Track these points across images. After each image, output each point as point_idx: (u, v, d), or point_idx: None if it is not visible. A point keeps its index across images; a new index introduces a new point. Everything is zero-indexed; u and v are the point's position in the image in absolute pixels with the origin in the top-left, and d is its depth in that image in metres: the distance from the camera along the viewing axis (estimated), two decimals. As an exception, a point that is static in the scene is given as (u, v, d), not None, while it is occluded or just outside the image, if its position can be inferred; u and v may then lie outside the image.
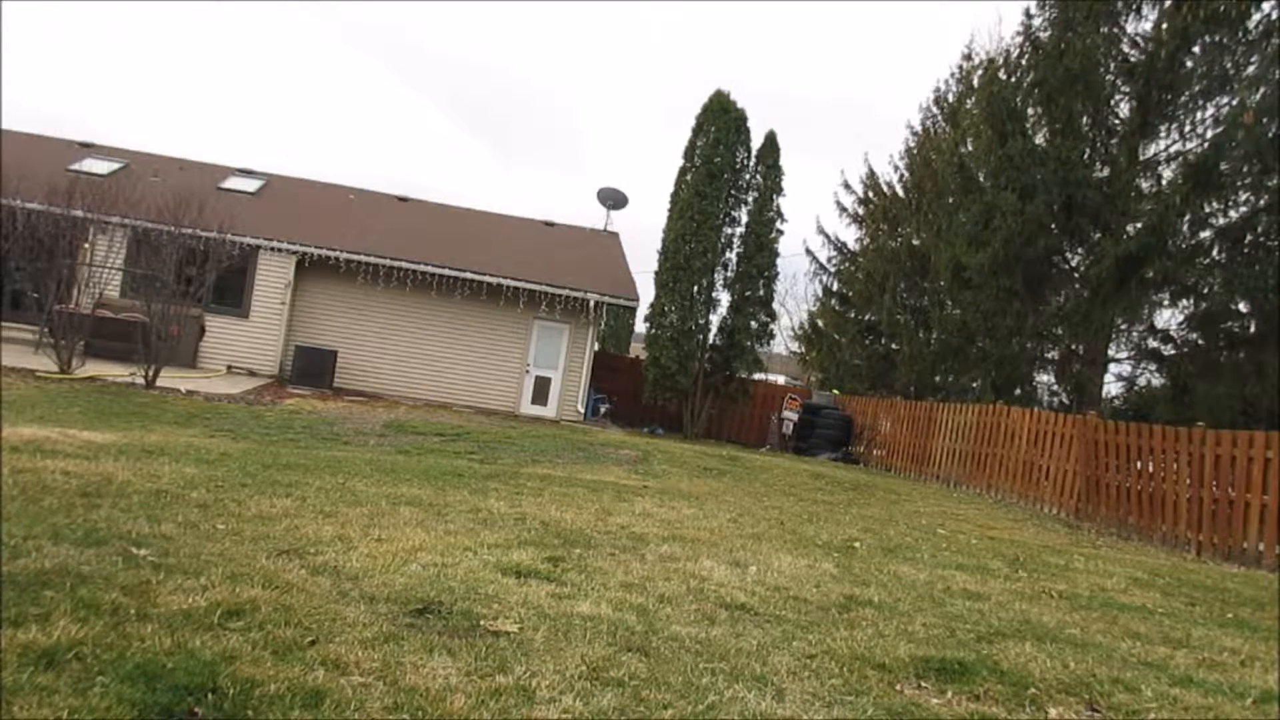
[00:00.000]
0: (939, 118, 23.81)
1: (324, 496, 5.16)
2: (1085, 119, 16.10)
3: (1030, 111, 16.90)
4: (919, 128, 24.27)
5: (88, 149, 21.36)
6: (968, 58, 22.94)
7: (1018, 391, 17.06)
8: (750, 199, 21.45)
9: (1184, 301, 15.50)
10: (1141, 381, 16.47)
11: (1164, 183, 15.49)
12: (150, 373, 12.96)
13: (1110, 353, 16.55)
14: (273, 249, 18.24)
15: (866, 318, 24.64)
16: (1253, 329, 14.59)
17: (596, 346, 21.38)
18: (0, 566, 2.82)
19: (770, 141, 21.57)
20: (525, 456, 10.93)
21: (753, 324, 21.25)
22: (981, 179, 17.56)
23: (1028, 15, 16.73)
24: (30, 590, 2.65)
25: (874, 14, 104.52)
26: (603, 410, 21.06)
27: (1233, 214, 14.76)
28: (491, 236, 21.52)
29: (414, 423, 13.30)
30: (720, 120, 21.01)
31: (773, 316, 22.09)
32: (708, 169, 20.66)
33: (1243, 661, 3.75)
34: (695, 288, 20.60)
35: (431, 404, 17.94)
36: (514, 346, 19.48)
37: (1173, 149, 15.76)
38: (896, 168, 24.96)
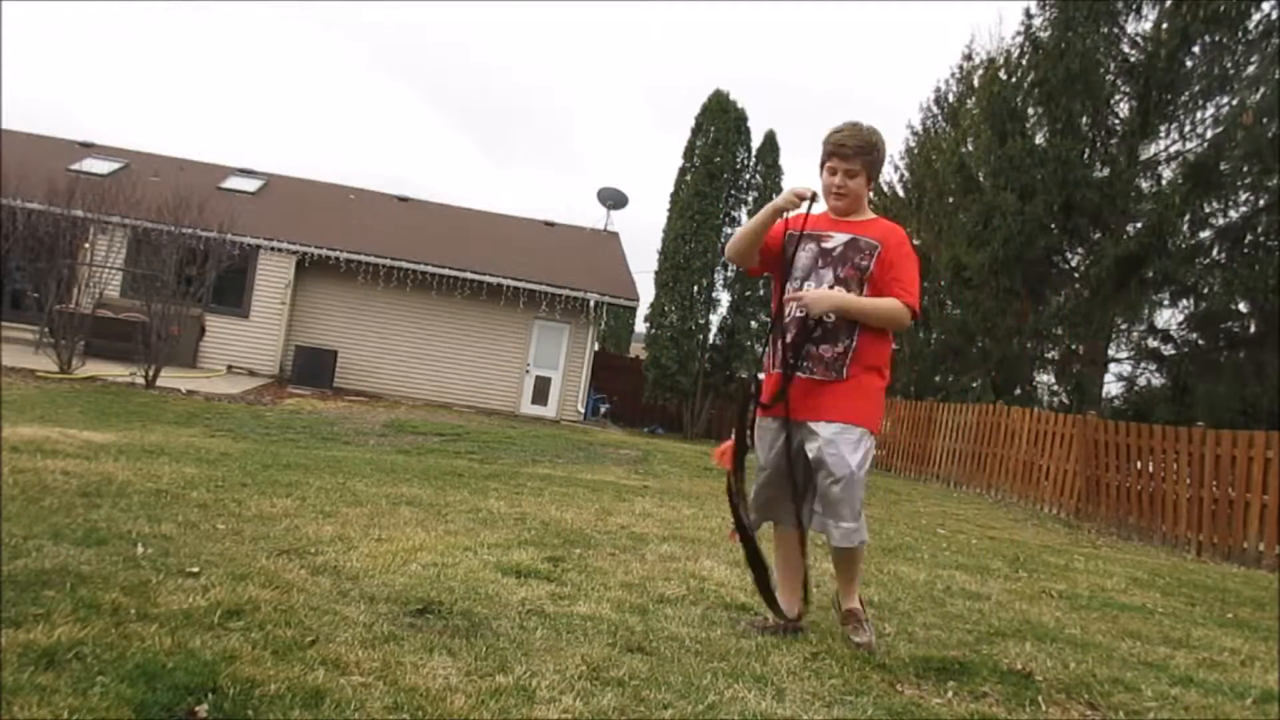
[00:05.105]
0: (939, 117, 23.78)
1: (324, 496, 5.16)
2: (1085, 119, 16.11)
3: (1030, 111, 16.91)
4: (919, 127, 24.25)
5: (88, 149, 21.37)
6: (968, 58, 22.92)
7: (1018, 391, 17.06)
8: (750, 199, 21.48)
9: (1184, 301, 15.52)
10: (1141, 381, 16.48)
11: (1164, 183, 15.50)
12: (150, 373, 12.96)
13: (1110, 353, 16.56)
14: (273, 249, 18.24)
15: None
16: (1253, 329, 14.61)
17: (596, 346, 21.38)
18: (0, 566, 2.82)
19: (770, 141, 21.58)
20: (525, 456, 10.93)
21: (753, 324, 21.26)
22: (981, 179, 17.56)
23: (1028, 15, 16.76)
24: (30, 590, 2.65)
25: (875, 13, 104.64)
26: (603, 410, 21.05)
27: (1233, 214, 14.78)
28: (491, 236, 21.53)
29: (414, 422, 13.30)
30: (720, 120, 21.03)
31: (773, 316, 22.11)
32: (708, 169, 20.68)
33: (1243, 661, 3.75)
34: (695, 288, 20.61)
35: (432, 404, 17.94)
36: (514, 346, 19.48)
37: (1173, 149, 15.78)
38: (896, 167, 24.94)
